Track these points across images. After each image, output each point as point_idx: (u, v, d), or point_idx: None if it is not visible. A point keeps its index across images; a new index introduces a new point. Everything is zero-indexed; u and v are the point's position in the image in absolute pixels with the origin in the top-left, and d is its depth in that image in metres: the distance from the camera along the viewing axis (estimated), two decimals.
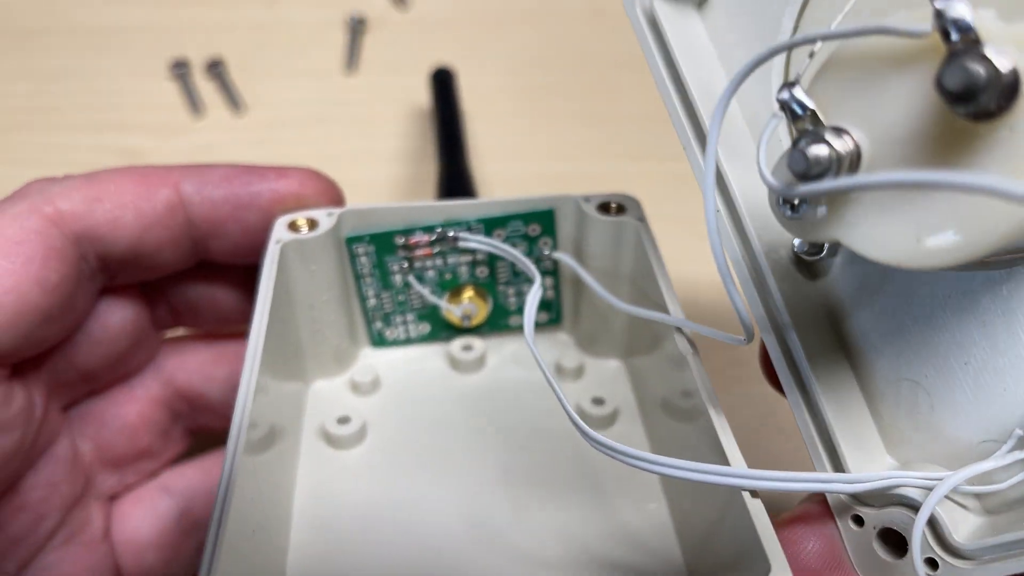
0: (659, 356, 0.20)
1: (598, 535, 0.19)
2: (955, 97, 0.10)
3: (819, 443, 0.15)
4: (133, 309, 0.22)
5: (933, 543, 0.13)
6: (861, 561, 0.15)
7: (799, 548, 0.15)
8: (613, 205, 0.21)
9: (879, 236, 0.11)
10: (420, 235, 0.21)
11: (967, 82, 0.09)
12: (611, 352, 0.24)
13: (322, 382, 0.23)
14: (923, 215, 0.11)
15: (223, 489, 0.15)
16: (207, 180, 0.21)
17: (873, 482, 0.14)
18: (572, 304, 0.24)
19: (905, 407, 0.15)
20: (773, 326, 0.16)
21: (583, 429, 0.15)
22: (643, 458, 0.14)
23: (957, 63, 0.10)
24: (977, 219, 0.10)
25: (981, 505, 0.14)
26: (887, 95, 0.11)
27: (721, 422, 0.16)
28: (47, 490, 0.20)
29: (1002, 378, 0.14)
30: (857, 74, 0.11)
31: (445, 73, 0.38)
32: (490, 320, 0.24)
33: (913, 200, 0.11)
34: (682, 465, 0.14)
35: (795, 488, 0.14)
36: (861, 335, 0.16)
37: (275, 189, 0.21)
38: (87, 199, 0.19)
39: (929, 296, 0.15)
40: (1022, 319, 0.13)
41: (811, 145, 0.11)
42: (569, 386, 0.23)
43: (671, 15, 0.16)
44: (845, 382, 0.16)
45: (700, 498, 0.17)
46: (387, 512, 0.19)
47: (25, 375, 0.19)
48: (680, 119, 0.16)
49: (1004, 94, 0.10)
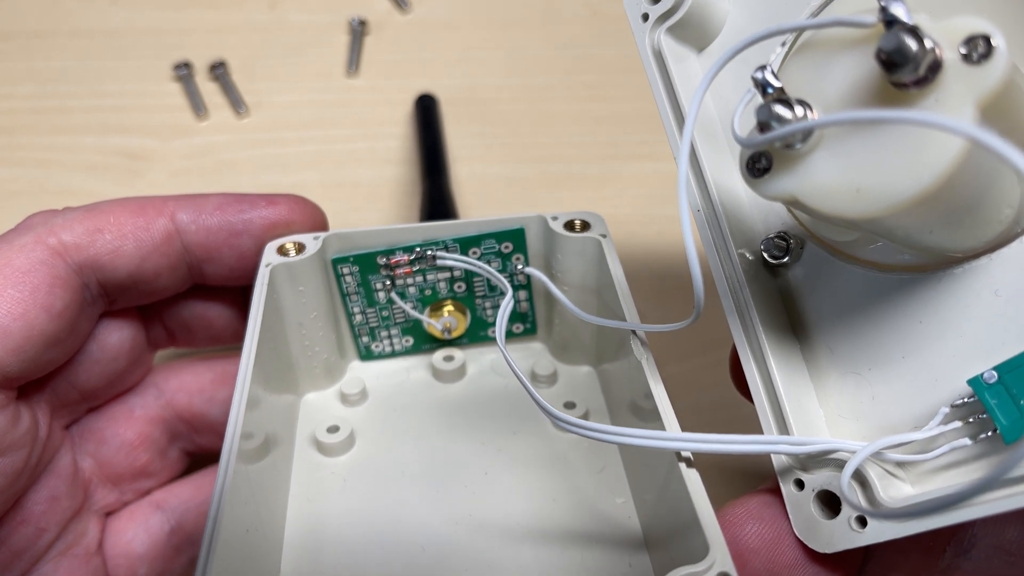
0: (625, 363, 0.21)
1: (570, 519, 0.20)
2: (891, 62, 0.12)
3: (771, 416, 0.17)
4: (131, 330, 0.23)
5: (864, 503, 0.15)
6: (800, 522, 0.16)
7: (740, 529, 0.17)
8: (578, 222, 0.23)
9: (827, 188, 0.13)
10: (401, 255, 0.23)
11: (898, 46, 0.11)
12: (582, 359, 0.25)
13: (313, 394, 0.24)
14: (861, 169, 0.13)
15: (218, 492, 0.16)
16: (201, 209, 0.22)
17: (814, 445, 0.15)
18: (545, 315, 0.25)
19: (849, 395, 0.17)
20: (740, 317, 0.18)
21: (546, 408, 0.16)
22: (595, 428, 0.16)
23: (893, 31, 0.12)
24: (905, 170, 0.12)
25: (910, 476, 0.16)
26: (839, 73, 0.13)
27: (663, 399, 0.17)
28: (48, 504, 0.21)
29: (934, 371, 0.15)
30: (817, 59, 0.13)
31: (428, 99, 0.39)
32: (469, 332, 0.25)
33: (854, 156, 0.13)
34: (630, 432, 0.15)
35: (747, 450, 0.15)
36: (813, 330, 0.17)
37: (266, 216, 0.22)
38: (89, 231, 0.20)
39: (873, 297, 0.16)
40: (952, 318, 0.15)
41: (776, 104, 0.13)
42: (543, 391, 0.25)
43: (674, 54, 0.19)
44: (798, 369, 0.17)
45: (654, 479, 0.19)
46: (375, 514, 0.21)
47: (30, 396, 0.20)
48: (675, 138, 0.19)
49: (930, 67, 0.12)
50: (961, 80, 0.12)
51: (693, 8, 0.18)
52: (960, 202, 0.13)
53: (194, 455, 0.25)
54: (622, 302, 0.20)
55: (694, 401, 0.28)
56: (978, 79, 0.11)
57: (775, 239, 0.18)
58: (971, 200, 0.13)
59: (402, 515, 0.20)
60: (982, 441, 0.14)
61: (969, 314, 0.15)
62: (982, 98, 0.11)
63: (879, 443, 0.15)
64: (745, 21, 0.19)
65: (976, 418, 0.14)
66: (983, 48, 0.11)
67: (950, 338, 0.15)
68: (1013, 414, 0.14)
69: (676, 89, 0.18)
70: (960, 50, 0.12)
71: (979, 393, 0.14)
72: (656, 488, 0.18)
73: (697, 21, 0.18)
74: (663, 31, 0.18)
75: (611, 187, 0.37)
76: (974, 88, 0.11)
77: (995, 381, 0.14)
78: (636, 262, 0.34)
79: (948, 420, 0.15)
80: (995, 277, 0.15)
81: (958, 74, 0.12)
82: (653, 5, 0.19)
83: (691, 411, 0.27)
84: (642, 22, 0.19)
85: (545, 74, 0.42)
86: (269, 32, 0.43)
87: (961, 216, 0.14)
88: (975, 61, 0.11)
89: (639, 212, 0.35)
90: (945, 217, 0.13)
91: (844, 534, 0.15)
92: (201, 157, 0.37)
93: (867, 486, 0.15)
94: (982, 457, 0.14)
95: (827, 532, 0.16)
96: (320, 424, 0.22)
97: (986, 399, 0.14)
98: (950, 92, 0.12)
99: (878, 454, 0.15)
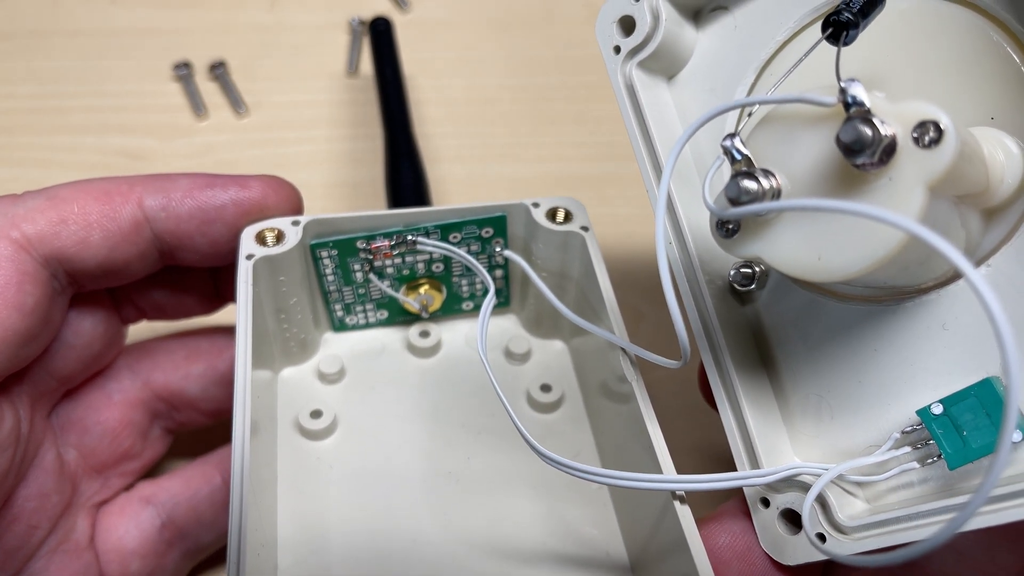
0: (598, 341, 0.21)
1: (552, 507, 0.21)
2: (849, 149, 0.13)
3: (740, 444, 0.18)
4: (102, 312, 0.22)
5: (823, 522, 0.17)
6: (766, 537, 0.18)
7: (713, 543, 0.18)
8: (561, 211, 0.23)
9: (790, 255, 0.14)
10: (381, 240, 0.23)
11: (857, 137, 0.13)
12: (555, 334, 0.26)
13: (290, 370, 0.24)
14: (821, 240, 0.14)
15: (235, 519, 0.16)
16: (170, 194, 0.21)
17: (780, 472, 0.17)
18: (520, 289, 0.26)
19: (811, 416, 0.18)
20: (709, 342, 0.19)
21: (539, 451, 0.17)
22: (590, 472, 0.17)
23: (851, 124, 0.13)
24: (860, 244, 0.13)
25: (864, 495, 0.17)
26: (802, 147, 0.14)
27: (659, 439, 0.18)
28: (39, 500, 0.21)
29: (887, 397, 0.17)
30: (781, 131, 0.15)
31: (382, 23, 0.38)
32: (444, 305, 0.25)
33: (815, 227, 0.14)
34: (625, 476, 0.17)
35: (721, 487, 0.17)
36: (779, 355, 0.19)
37: (239, 201, 0.21)
38: (52, 222, 0.19)
39: (833, 326, 0.18)
40: (904, 348, 0.16)
41: (744, 179, 0.14)
42: (518, 369, 0.25)
43: (645, 84, 0.19)
44: (763, 392, 0.19)
45: (640, 502, 0.20)
46: (364, 507, 0.21)
47: (9, 392, 0.20)
48: (647, 168, 0.20)
49: (885, 151, 0.13)
50: (913, 163, 0.13)
51: (664, 41, 0.19)
52: (912, 259, 0.14)
53: (175, 432, 0.25)
54: (607, 308, 0.21)
55: (685, 402, 0.29)
56: (929, 162, 0.12)
57: (742, 268, 0.19)
58: (923, 256, 0.15)
59: (391, 508, 0.21)
60: (928, 465, 0.16)
61: (919, 346, 0.16)
62: (932, 180, 0.13)
63: (837, 469, 0.16)
64: (714, 50, 0.19)
65: (924, 444, 0.16)
66: (933, 133, 0.12)
67: (902, 367, 0.16)
68: (957, 443, 0.15)
69: (647, 119, 0.19)
70: (912, 134, 0.13)
71: (927, 423, 0.16)
72: (643, 510, 0.19)
73: (667, 52, 0.19)
74: (634, 64, 0.19)
75: (611, 187, 0.37)
76: (925, 171, 0.13)
77: (941, 413, 0.15)
78: (635, 262, 0.34)
79: (899, 445, 0.16)
80: (943, 311, 0.16)
81: (910, 157, 0.13)
82: (625, 38, 0.19)
83: (680, 413, 0.28)
84: (614, 54, 0.19)
85: (545, 74, 0.42)
86: (269, 32, 0.43)
87: (913, 268, 0.15)
88: (926, 145, 0.12)
89: (639, 212, 0.36)
90: (900, 271, 0.15)
91: (806, 548, 0.17)
92: (201, 157, 0.38)
93: (826, 507, 0.17)
94: (928, 481, 0.16)
95: (791, 546, 0.17)
96: (301, 406, 0.22)
97: (933, 429, 0.15)
98: (903, 174, 0.13)
99: (837, 476, 0.16)
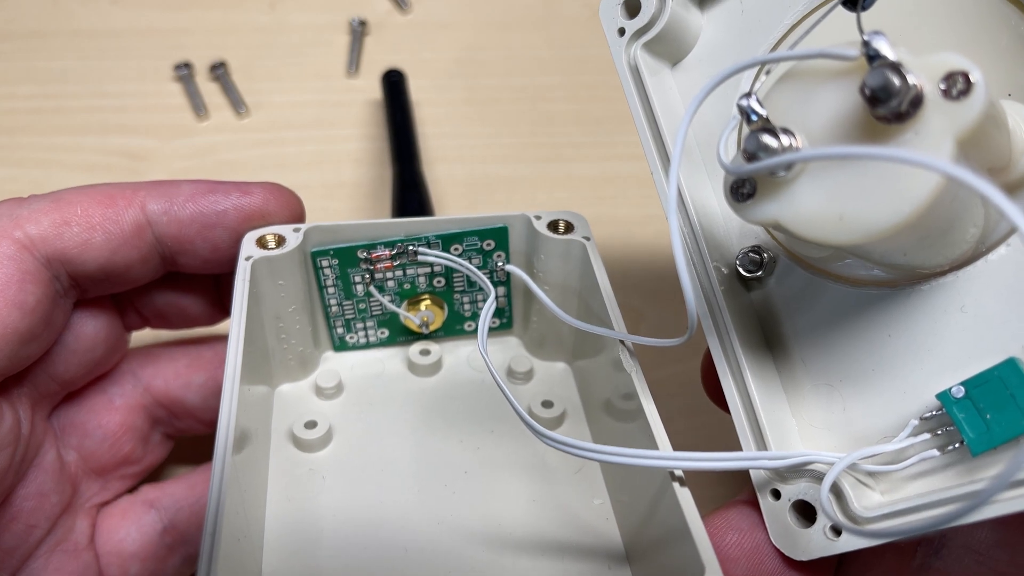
0: (603, 360, 0.21)
1: (548, 521, 0.20)
2: (875, 98, 0.12)
3: (747, 427, 0.17)
4: (105, 318, 0.22)
5: (838, 513, 0.16)
6: (777, 531, 0.17)
7: (721, 540, 0.17)
8: (562, 223, 0.23)
9: (809, 215, 0.13)
10: (382, 249, 0.23)
11: (884, 84, 0.12)
12: (558, 355, 0.25)
13: (287, 385, 0.24)
14: (843, 198, 0.13)
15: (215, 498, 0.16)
16: (173, 199, 0.21)
17: (792, 458, 0.16)
18: (523, 311, 0.25)
19: (822, 406, 0.17)
20: (716, 327, 0.18)
21: (532, 426, 0.17)
22: (585, 448, 0.16)
23: (879, 69, 0.12)
24: (885, 201, 0.12)
25: (879, 486, 0.16)
26: (822, 106, 0.13)
27: (654, 417, 0.18)
28: (38, 500, 0.21)
29: (903, 384, 0.16)
30: (800, 89, 0.14)
31: (396, 74, 0.38)
32: (445, 325, 0.25)
33: (836, 185, 0.13)
34: (619, 451, 0.16)
35: (727, 467, 0.16)
36: (787, 342, 0.18)
37: (240, 207, 0.21)
38: (55, 223, 0.20)
39: (845, 311, 0.17)
40: (921, 333, 0.16)
41: (763, 133, 0.13)
42: (520, 388, 0.24)
43: (650, 68, 0.19)
44: (771, 381, 0.18)
45: (636, 488, 0.19)
46: (357, 516, 0.20)
47: (10, 392, 0.20)
48: (651, 150, 0.19)
49: (912, 102, 0.12)
50: (941, 115, 0.12)
51: (669, 23, 0.18)
52: (935, 226, 0.14)
53: (175, 438, 0.25)
54: (608, 308, 0.20)
55: (686, 403, 0.28)
56: (958, 115, 0.12)
57: (749, 253, 0.18)
58: (945, 224, 0.14)
59: (384, 518, 0.20)
60: (950, 452, 0.15)
61: (936, 329, 0.15)
62: (961, 133, 0.12)
63: (854, 455, 0.15)
64: (719, 36, 0.19)
65: (944, 430, 0.15)
66: (962, 85, 0.12)
67: (919, 352, 0.16)
68: (980, 428, 0.14)
69: (652, 101, 0.19)
70: (940, 86, 0.12)
71: (947, 407, 0.15)
72: (641, 500, 0.18)
73: (672, 36, 0.19)
74: (639, 46, 0.19)
75: (611, 187, 0.37)
76: (954, 123, 0.12)
77: (963, 396, 0.14)
78: (635, 262, 0.34)
79: (917, 432, 0.15)
80: (961, 294, 0.15)
81: (938, 109, 0.12)
82: (629, 20, 0.19)
83: (681, 414, 0.28)
84: (618, 36, 0.19)
85: (545, 74, 0.42)
86: (269, 32, 0.43)
87: (934, 238, 0.14)
88: (954, 97, 0.12)
89: (639, 212, 0.36)
90: (919, 240, 0.14)
91: (819, 542, 0.16)
92: (201, 157, 0.38)
93: (841, 497, 0.16)
94: (950, 467, 0.15)
95: (803, 540, 0.16)
96: (296, 418, 0.22)
97: (954, 413, 0.14)
98: (930, 127, 0.12)
99: (852, 465, 0.15)
